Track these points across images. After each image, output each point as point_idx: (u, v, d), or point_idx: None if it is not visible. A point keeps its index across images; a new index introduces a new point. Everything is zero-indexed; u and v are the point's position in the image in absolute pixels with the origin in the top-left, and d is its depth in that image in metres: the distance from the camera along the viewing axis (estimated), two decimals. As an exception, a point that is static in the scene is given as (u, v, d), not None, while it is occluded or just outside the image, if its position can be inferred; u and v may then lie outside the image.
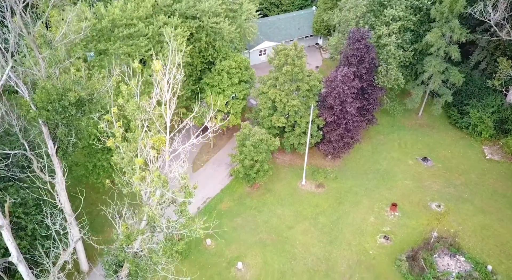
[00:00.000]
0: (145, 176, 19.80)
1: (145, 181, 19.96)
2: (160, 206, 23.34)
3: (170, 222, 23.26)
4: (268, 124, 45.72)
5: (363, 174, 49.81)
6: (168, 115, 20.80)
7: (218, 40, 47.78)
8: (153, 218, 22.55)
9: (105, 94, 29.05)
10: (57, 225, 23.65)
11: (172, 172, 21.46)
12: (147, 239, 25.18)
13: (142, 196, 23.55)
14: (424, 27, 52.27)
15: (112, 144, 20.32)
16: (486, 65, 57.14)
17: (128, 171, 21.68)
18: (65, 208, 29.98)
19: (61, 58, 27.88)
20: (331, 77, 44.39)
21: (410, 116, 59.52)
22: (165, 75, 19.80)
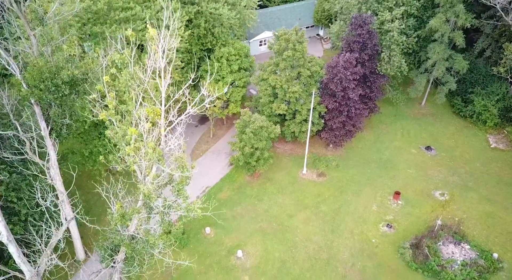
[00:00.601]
0: (139, 147, 18.87)
1: (139, 153, 19.02)
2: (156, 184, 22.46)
3: (166, 201, 22.35)
4: (269, 111, 44.80)
5: (365, 163, 48.88)
6: (163, 86, 19.85)
7: (217, 27, 46.83)
8: (148, 196, 21.65)
9: (100, 74, 28.22)
10: (47, 202, 22.77)
11: (168, 145, 20.51)
12: (143, 220, 24.34)
13: (137, 174, 22.68)
14: (427, 13, 51.26)
15: (105, 117, 19.40)
16: (491, 52, 55.99)
17: (122, 147, 20.78)
18: (57, 185, 28.96)
19: (54, 36, 26.97)
20: (333, 63, 43.42)
21: (413, 106, 58.52)
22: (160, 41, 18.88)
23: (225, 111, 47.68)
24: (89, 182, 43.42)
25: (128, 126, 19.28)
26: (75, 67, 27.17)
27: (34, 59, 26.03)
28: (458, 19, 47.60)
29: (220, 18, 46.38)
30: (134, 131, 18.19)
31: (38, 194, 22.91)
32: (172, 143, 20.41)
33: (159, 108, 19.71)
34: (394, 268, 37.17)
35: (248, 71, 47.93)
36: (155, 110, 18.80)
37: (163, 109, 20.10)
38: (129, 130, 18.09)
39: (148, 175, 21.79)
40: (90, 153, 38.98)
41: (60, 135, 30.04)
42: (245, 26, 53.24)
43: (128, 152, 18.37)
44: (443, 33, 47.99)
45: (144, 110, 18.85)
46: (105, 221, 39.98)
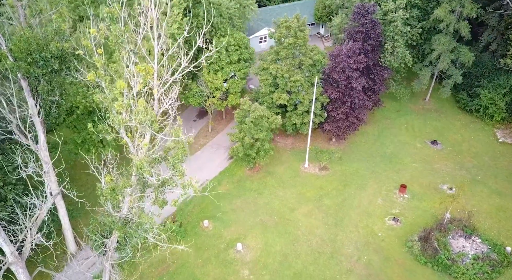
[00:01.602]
0: (130, 105, 17.29)
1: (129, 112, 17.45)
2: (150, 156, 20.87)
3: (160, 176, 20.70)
4: (269, 102, 43.33)
5: (369, 157, 47.22)
6: (155, 39, 18.32)
7: (216, 17, 45.69)
8: (141, 168, 19.99)
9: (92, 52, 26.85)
10: (29, 168, 21.10)
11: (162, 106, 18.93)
12: (136, 200, 22.67)
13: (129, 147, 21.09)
14: (431, 4, 50.13)
15: (93, 78, 17.88)
16: (496, 46, 54.60)
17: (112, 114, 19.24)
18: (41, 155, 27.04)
19: (43, 8, 25.67)
20: (335, 51, 42.10)
21: (417, 101, 57.11)
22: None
23: (224, 103, 46.24)
24: (83, 174, 41.91)
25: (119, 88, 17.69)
26: (65, 40, 25.78)
27: (20, 30, 24.63)
28: (464, 9, 46.43)
29: (219, 8, 45.31)
30: (123, 85, 16.62)
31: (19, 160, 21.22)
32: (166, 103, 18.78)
33: (151, 66, 18.19)
34: (401, 262, 35.25)
35: (248, 63, 46.59)
36: (147, 68, 17.27)
37: (156, 68, 18.56)
38: (117, 83, 16.51)
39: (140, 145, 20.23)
40: (83, 141, 37.41)
41: (49, 114, 28.50)
42: (245, 18, 52.10)
43: (117, 109, 16.80)
44: (448, 23, 46.79)
45: (135, 67, 17.30)
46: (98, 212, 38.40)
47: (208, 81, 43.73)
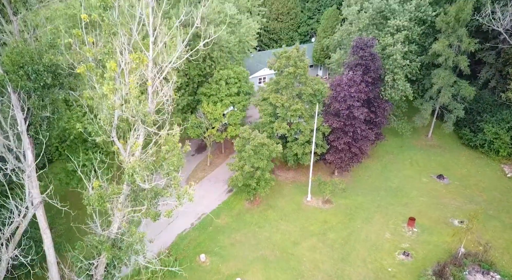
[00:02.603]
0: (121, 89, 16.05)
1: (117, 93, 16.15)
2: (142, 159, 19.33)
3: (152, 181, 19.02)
4: (269, 132, 42.26)
5: (374, 190, 45.31)
6: (150, 23, 17.48)
7: (216, 50, 46.01)
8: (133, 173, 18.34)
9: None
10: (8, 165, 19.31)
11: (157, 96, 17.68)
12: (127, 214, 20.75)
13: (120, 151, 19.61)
14: (429, 40, 50.90)
15: (83, 71, 16.85)
16: (496, 83, 54.79)
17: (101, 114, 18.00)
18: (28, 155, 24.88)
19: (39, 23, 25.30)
20: (336, 81, 41.88)
21: (419, 138, 56.20)
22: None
23: (223, 134, 45.16)
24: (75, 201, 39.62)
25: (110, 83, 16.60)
26: (60, 54, 25.11)
27: (14, 42, 24.04)
28: (462, 43, 46.98)
29: (219, 42, 45.75)
30: (114, 65, 15.49)
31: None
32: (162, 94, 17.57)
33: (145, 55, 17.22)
34: (416, 298, 32.24)
35: (248, 95, 46.21)
36: (141, 56, 16.29)
37: (151, 57, 17.56)
38: (108, 64, 15.38)
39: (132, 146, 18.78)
40: (75, 170, 35.66)
41: (39, 132, 27.14)
42: (245, 53, 52.60)
43: (106, 93, 15.55)
44: (447, 57, 47.08)
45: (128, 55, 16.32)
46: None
47: (207, 112, 43.01)
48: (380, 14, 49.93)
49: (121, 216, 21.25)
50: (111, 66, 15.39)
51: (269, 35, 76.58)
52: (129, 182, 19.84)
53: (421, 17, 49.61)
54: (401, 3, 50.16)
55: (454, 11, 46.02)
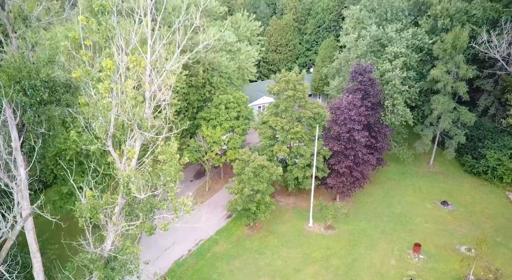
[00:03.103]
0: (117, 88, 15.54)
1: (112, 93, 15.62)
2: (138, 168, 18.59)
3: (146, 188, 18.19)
4: (269, 155, 41.60)
5: (377, 216, 44.04)
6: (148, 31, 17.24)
7: (215, 76, 46.29)
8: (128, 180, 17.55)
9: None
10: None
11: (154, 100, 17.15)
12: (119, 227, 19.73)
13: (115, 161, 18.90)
14: (427, 67, 51.39)
15: (79, 75, 16.44)
16: (495, 110, 54.87)
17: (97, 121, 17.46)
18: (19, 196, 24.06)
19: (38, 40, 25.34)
20: (336, 104, 41.75)
21: (420, 165, 55.51)
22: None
23: (222, 158, 44.49)
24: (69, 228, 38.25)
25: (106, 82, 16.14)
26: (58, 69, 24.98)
27: (11, 57, 23.94)
28: (460, 70, 47.35)
29: (218, 68, 46.13)
30: (110, 63, 15.09)
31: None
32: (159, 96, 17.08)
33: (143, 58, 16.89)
34: (426, 328, 30.35)
35: (247, 120, 46.00)
36: (138, 59, 15.97)
37: (149, 60, 17.22)
38: (104, 63, 14.99)
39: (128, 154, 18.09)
40: (69, 192, 34.71)
41: (33, 149, 26.50)
42: (244, 79, 52.94)
43: (101, 90, 15.04)
44: (446, 83, 47.29)
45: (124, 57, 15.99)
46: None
47: (207, 135, 42.59)
48: (377, 42, 50.71)
49: (115, 231, 20.23)
50: (107, 65, 15.03)
51: (268, 66, 77.66)
52: (124, 194, 18.99)
53: (418, 44, 50.38)
54: (398, 32, 51.12)
55: (451, 39, 46.74)
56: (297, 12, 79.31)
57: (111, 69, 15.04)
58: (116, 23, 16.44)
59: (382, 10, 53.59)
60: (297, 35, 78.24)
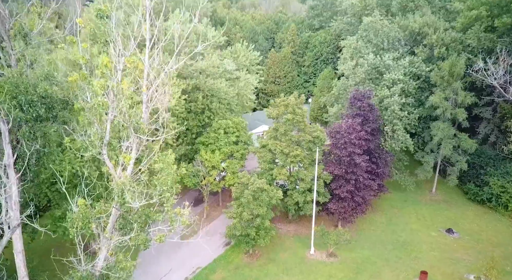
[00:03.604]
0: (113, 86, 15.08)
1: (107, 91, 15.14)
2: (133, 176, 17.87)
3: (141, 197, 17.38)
4: (269, 179, 40.74)
5: (380, 244, 42.57)
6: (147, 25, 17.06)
7: (215, 102, 46.32)
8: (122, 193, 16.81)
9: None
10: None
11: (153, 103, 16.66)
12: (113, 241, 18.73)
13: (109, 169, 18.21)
14: (425, 94, 51.60)
15: (75, 79, 16.14)
16: (495, 138, 54.56)
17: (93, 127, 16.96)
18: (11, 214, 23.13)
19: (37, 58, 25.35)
20: (335, 128, 41.46)
21: (423, 193, 54.50)
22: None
23: (221, 183, 43.57)
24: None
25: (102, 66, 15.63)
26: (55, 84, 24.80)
27: (9, 72, 23.81)
28: (458, 97, 47.51)
29: (218, 94, 46.25)
30: (107, 60, 14.73)
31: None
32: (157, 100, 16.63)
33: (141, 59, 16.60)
34: None
35: (247, 145, 45.55)
36: (136, 60, 15.67)
37: (147, 63, 16.93)
38: (101, 59, 14.64)
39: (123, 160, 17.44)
40: (62, 216, 33.45)
41: (28, 166, 25.77)
42: (243, 106, 52.97)
43: (96, 89, 14.61)
44: (444, 109, 47.28)
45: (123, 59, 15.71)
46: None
47: (205, 159, 41.93)
48: (375, 70, 51.27)
49: (108, 245, 19.19)
50: (104, 61, 14.73)
51: (267, 97, 78.24)
52: (118, 204, 18.17)
53: (415, 72, 50.92)
54: (395, 60, 51.80)
55: (448, 66, 47.27)
56: (295, 45, 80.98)
57: (107, 66, 14.70)
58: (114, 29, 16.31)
59: (379, 40, 54.62)
60: (295, 67, 79.46)
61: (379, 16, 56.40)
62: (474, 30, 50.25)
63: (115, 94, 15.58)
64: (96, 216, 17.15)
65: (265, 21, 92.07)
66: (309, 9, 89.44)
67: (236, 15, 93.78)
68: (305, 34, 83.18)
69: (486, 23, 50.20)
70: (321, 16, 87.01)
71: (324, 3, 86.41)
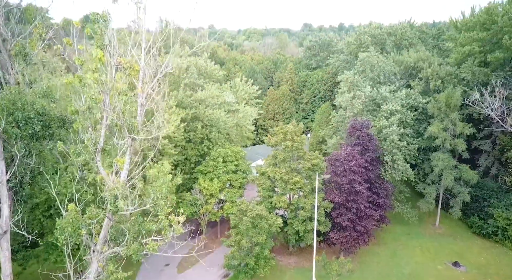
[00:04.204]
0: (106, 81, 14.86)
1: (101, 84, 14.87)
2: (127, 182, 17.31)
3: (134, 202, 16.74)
4: (268, 207, 39.78)
5: (385, 277, 40.81)
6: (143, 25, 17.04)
7: (214, 132, 46.31)
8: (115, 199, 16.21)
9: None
10: None
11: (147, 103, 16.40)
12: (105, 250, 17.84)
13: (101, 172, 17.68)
14: (423, 125, 51.73)
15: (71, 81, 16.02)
16: (497, 170, 54.04)
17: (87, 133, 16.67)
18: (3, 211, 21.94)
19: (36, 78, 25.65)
20: (335, 156, 41.13)
21: (426, 226, 53.13)
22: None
23: (219, 213, 42.45)
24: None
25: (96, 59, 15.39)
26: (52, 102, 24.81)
27: (7, 89, 23.91)
28: (456, 127, 47.61)
29: (217, 124, 46.36)
30: (101, 54, 14.62)
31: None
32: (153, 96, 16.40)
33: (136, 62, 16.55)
34: None
35: (245, 174, 44.97)
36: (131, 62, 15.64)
37: (143, 63, 16.83)
38: (94, 52, 14.52)
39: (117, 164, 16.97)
40: (54, 244, 32.22)
41: (21, 183, 25.19)
42: (242, 136, 52.88)
43: (88, 80, 14.40)
44: (444, 140, 47.19)
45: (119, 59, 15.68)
46: None
47: (203, 187, 41.19)
48: (372, 102, 51.81)
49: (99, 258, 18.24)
50: (98, 55, 14.69)
51: (265, 133, 78.38)
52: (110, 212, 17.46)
53: (412, 104, 51.38)
54: (391, 92, 52.49)
55: (444, 98, 47.77)
56: (293, 83, 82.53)
57: (101, 60, 14.67)
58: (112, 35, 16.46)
59: (375, 74, 55.68)
60: (293, 104, 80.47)
61: (374, 52, 57.92)
62: (468, 65, 51.29)
63: (109, 88, 15.43)
64: (86, 222, 16.40)
65: (263, 62, 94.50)
66: (306, 49, 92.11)
67: (235, 55, 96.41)
68: (302, 73, 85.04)
69: (479, 58, 51.35)
70: (318, 56, 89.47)
71: (321, 44, 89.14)
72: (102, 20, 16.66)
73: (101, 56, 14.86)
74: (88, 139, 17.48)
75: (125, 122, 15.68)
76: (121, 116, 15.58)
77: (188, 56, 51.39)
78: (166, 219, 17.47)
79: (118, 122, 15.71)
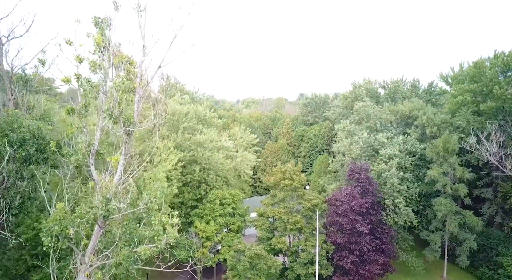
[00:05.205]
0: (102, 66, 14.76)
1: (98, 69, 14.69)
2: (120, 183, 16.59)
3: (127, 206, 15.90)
4: (268, 249, 37.88)
5: (394, 328, 37.76)
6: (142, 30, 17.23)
7: (211, 175, 45.68)
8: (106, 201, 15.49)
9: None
10: None
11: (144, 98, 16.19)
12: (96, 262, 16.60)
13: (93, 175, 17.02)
14: (422, 171, 51.25)
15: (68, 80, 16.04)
16: (501, 219, 52.48)
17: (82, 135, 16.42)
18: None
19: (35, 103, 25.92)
20: (335, 196, 40.21)
21: (433, 277, 50.48)
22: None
23: (216, 257, 40.26)
24: None
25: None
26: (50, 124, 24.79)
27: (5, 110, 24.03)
28: (456, 171, 47.21)
29: (214, 167, 45.91)
30: (100, 39, 14.69)
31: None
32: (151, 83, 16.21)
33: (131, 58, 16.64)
34: None
35: (243, 217, 43.56)
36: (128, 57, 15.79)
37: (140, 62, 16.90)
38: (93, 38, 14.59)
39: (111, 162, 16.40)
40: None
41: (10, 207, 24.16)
42: (240, 180, 52.00)
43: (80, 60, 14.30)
44: (444, 184, 46.51)
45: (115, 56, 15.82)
46: None
47: (199, 230, 39.57)
48: (370, 147, 51.91)
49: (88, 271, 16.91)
50: (97, 40, 14.83)
51: (263, 185, 77.42)
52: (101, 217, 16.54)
53: (410, 149, 51.45)
54: (389, 139, 52.81)
55: (441, 143, 47.94)
56: (291, 137, 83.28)
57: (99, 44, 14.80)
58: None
59: (372, 123, 56.45)
60: (291, 157, 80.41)
61: (369, 102, 59.29)
62: (462, 113, 52.33)
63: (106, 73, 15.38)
64: (75, 222, 15.40)
65: (261, 118, 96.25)
66: (303, 106, 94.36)
67: (234, 113, 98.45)
68: (299, 128, 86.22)
69: (472, 108, 52.54)
70: (314, 112, 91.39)
71: (317, 101, 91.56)
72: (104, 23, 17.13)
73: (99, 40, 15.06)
74: (82, 141, 17.10)
75: (120, 113, 15.42)
76: (116, 107, 15.36)
77: (188, 104, 52.37)
78: (160, 223, 16.48)
79: (114, 113, 15.44)
